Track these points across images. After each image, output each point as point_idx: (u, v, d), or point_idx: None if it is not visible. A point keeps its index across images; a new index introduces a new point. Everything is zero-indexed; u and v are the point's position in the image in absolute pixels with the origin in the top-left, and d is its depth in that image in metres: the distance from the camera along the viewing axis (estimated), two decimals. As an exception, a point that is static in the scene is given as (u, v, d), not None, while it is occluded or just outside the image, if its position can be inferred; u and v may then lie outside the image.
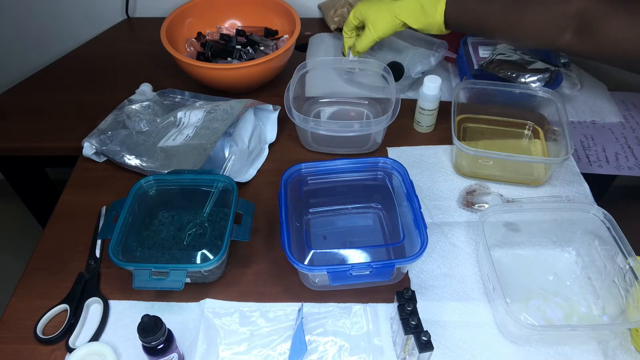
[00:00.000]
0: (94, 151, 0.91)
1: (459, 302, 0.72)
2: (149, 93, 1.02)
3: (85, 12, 1.28)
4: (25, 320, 0.70)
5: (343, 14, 1.21)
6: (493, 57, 0.99)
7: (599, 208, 0.74)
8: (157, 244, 0.76)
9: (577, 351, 0.67)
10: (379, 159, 0.81)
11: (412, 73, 1.01)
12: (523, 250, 0.78)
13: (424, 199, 0.86)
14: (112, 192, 0.86)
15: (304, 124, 0.87)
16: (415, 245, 0.69)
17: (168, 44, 0.99)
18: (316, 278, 0.71)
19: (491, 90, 0.93)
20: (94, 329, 0.69)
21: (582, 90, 1.07)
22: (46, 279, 0.75)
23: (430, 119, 0.96)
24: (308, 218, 0.81)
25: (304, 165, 0.79)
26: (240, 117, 0.87)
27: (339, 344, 0.67)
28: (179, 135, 0.90)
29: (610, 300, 0.70)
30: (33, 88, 1.11)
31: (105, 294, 0.73)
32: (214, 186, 0.78)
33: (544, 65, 0.97)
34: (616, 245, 0.70)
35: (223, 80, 1.01)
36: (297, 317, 0.69)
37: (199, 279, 0.73)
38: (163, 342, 0.60)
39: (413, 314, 0.61)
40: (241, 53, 1.08)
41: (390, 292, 0.72)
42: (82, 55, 1.21)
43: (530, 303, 0.72)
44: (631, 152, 0.96)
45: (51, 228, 0.83)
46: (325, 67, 1.04)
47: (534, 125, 0.96)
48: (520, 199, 0.85)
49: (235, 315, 0.70)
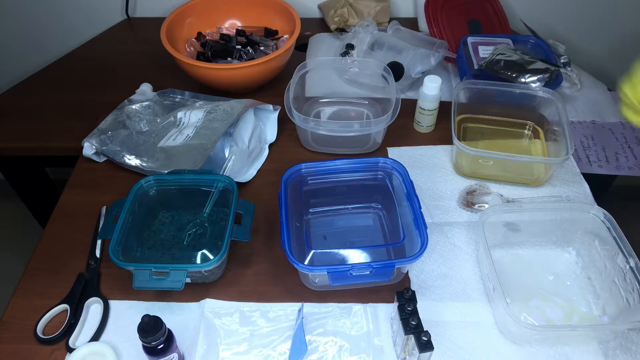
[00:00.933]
0: (94, 151, 0.91)
1: (459, 302, 0.72)
2: (149, 93, 1.02)
3: (85, 12, 1.28)
4: (25, 320, 0.70)
5: (343, 14, 1.21)
6: (493, 57, 0.99)
7: (599, 208, 0.74)
8: (157, 244, 0.76)
9: (577, 351, 0.67)
10: (379, 159, 0.81)
11: (412, 73, 1.01)
12: (523, 250, 0.78)
13: (424, 199, 0.86)
14: (112, 192, 0.86)
15: (304, 124, 0.87)
16: (416, 245, 0.69)
17: (168, 44, 0.99)
18: (316, 278, 0.71)
19: (491, 90, 0.93)
20: (94, 329, 0.69)
21: (582, 90, 1.07)
22: (46, 279, 0.75)
23: (430, 119, 0.96)
24: (308, 218, 0.81)
25: (304, 165, 0.79)
26: (240, 117, 0.87)
27: (339, 344, 0.67)
28: (179, 135, 0.90)
29: (610, 300, 0.70)
30: (33, 88, 1.11)
31: (105, 294, 0.73)
32: (214, 186, 0.78)
33: (544, 65, 0.97)
34: (616, 245, 0.70)
35: (223, 80, 1.01)
36: (297, 317, 0.69)
37: (199, 279, 0.73)
38: (163, 342, 0.60)
39: (413, 314, 0.61)
40: (241, 53, 1.08)
41: (390, 292, 0.72)
42: (82, 55, 1.21)
43: (531, 303, 0.72)
44: (631, 152, 0.96)
45: (51, 228, 0.83)
46: (325, 67, 1.04)
47: (534, 125, 0.96)
48: (520, 199, 0.85)
49: (235, 315, 0.70)
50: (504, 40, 1.05)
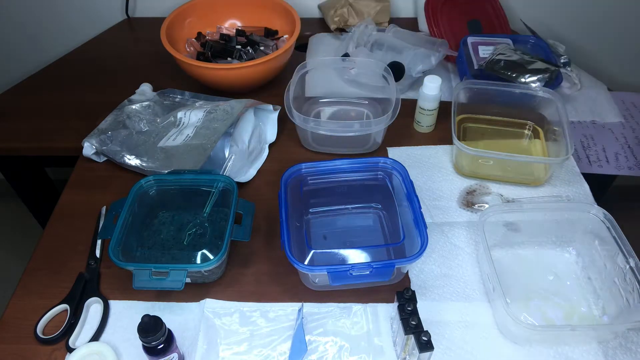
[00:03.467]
0: (94, 151, 0.91)
1: (459, 302, 0.72)
2: (149, 93, 1.02)
3: (85, 12, 1.28)
4: (25, 320, 0.70)
5: (343, 14, 1.21)
6: (493, 57, 0.99)
7: (599, 208, 0.74)
8: (157, 244, 0.76)
9: (577, 351, 0.67)
10: (379, 159, 0.81)
11: (413, 72, 1.01)
12: (523, 250, 0.78)
13: (424, 199, 0.86)
14: (112, 192, 0.86)
15: (304, 124, 0.87)
16: (416, 245, 0.69)
17: (168, 44, 0.99)
18: (316, 278, 0.71)
19: (491, 90, 0.93)
20: (94, 329, 0.69)
21: (582, 90, 1.07)
22: (46, 279, 0.75)
23: (430, 119, 0.96)
24: (308, 218, 0.81)
25: (304, 165, 0.79)
26: (240, 117, 0.87)
27: (339, 344, 0.67)
28: (179, 135, 0.90)
29: (610, 300, 0.70)
30: (33, 88, 1.11)
31: (105, 294, 0.73)
32: (214, 186, 0.78)
33: (544, 65, 0.97)
34: (616, 245, 0.70)
35: (223, 80, 1.01)
36: (297, 317, 0.69)
37: (199, 279, 0.73)
38: (163, 342, 0.60)
39: (413, 314, 0.61)
40: (241, 53, 1.08)
41: (390, 292, 0.72)
42: (82, 55, 1.21)
43: (531, 303, 0.72)
44: (631, 152, 0.96)
45: (51, 228, 0.83)
46: (325, 67, 1.04)
47: (534, 125, 0.96)
48: (520, 199, 0.85)
49: (235, 315, 0.70)
50: (504, 40, 1.05)
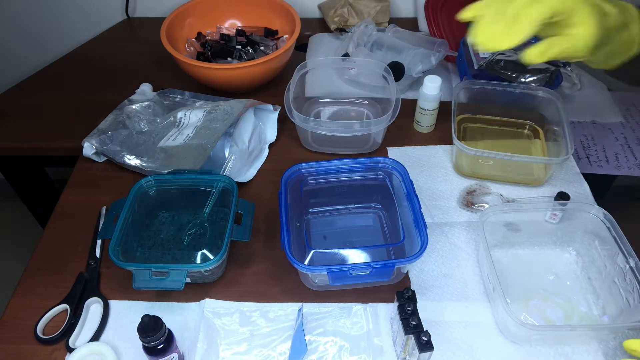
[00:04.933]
0: (94, 151, 0.91)
1: (459, 302, 0.72)
2: (149, 93, 1.02)
3: (85, 12, 1.28)
4: (25, 320, 0.70)
5: (343, 14, 1.21)
6: (493, 57, 0.99)
7: (599, 208, 0.74)
8: (157, 244, 0.76)
9: (577, 351, 0.67)
10: (379, 159, 0.81)
11: (413, 72, 1.01)
12: (523, 250, 0.78)
13: (424, 199, 0.86)
14: (112, 192, 0.86)
15: (304, 124, 0.87)
16: (415, 245, 0.69)
17: (168, 44, 0.99)
18: (316, 278, 0.71)
19: (491, 90, 0.93)
20: (94, 329, 0.69)
21: (582, 90, 1.07)
22: (46, 279, 0.75)
23: (430, 119, 0.96)
24: (308, 218, 0.81)
25: (304, 165, 0.79)
26: (240, 117, 0.87)
27: (339, 344, 0.67)
28: (179, 135, 0.90)
29: (610, 300, 0.70)
30: (33, 88, 1.11)
31: (105, 294, 0.73)
32: (214, 186, 0.78)
33: (544, 65, 0.97)
34: (616, 245, 0.70)
35: (223, 80, 1.01)
36: (297, 317, 0.69)
37: (199, 279, 0.73)
38: (163, 342, 0.60)
39: (413, 314, 0.61)
40: (241, 53, 1.08)
41: (390, 292, 0.72)
42: (82, 55, 1.21)
43: (530, 303, 0.72)
44: (631, 152, 0.96)
45: (51, 228, 0.83)
46: (325, 67, 1.04)
47: (534, 125, 0.96)
48: (520, 199, 0.85)
49: (235, 315, 0.70)
50: (504, 40, 1.05)
